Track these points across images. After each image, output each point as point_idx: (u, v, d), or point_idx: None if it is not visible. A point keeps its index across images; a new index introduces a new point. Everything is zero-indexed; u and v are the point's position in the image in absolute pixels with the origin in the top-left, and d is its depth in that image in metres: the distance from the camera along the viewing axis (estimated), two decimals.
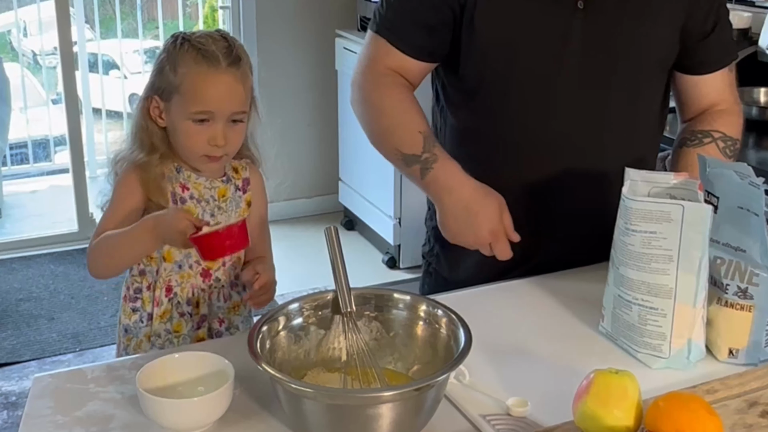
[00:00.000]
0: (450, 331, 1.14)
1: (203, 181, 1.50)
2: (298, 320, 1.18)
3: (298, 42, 4.12)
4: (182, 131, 1.44)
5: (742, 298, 1.24)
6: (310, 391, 1.04)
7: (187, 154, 1.47)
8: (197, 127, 1.43)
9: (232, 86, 1.43)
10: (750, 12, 2.76)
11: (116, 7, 5.22)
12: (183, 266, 1.50)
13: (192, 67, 1.42)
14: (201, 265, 1.50)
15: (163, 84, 1.44)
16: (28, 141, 5.11)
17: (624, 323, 1.27)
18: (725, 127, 1.58)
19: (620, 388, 1.01)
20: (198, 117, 1.42)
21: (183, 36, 1.46)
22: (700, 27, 1.55)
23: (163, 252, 1.49)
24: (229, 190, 1.53)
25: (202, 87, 1.42)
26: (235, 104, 1.44)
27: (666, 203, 1.20)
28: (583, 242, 1.55)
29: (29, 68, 5.77)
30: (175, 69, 1.42)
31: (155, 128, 1.47)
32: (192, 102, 1.42)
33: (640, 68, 1.52)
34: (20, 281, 3.74)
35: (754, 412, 1.10)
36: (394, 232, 3.77)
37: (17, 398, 2.89)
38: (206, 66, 1.42)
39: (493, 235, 1.42)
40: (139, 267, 1.52)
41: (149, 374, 1.11)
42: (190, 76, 1.42)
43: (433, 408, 1.07)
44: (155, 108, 1.46)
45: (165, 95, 1.44)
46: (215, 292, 1.53)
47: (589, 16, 1.45)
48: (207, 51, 1.42)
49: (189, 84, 1.42)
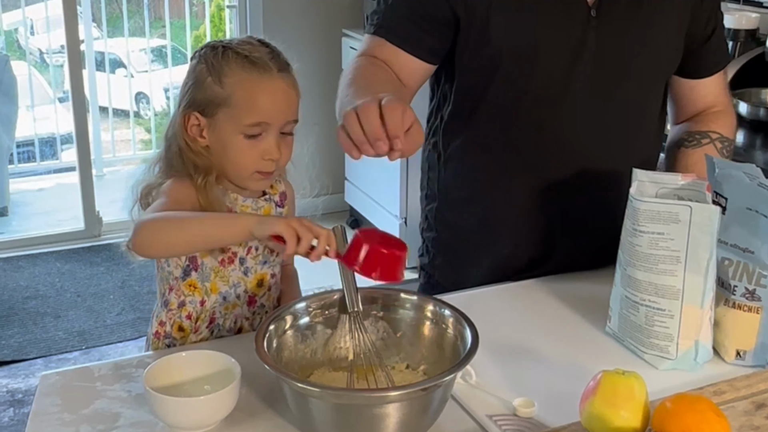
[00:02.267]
0: (457, 331, 1.14)
1: (250, 203, 1.38)
2: (305, 319, 1.18)
3: (305, 41, 4.12)
4: (233, 147, 1.31)
5: (750, 299, 1.23)
6: (316, 390, 1.04)
7: (239, 171, 1.34)
8: (250, 142, 1.31)
9: (287, 93, 1.33)
10: (758, 13, 2.75)
11: (123, 5, 5.23)
12: (228, 297, 1.39)
13: (242, 76, 1.30)
14: (248, 294, 1.40)
15: (205, 98, 1.31)
16: (35, 139, 5.12)
17: (631, 324, 1.27)
18: (722, 128, 1.58)
19: (627, 388, 1.01)
20: (252, 131, 1.30)
21: (222, 44, 1.33)
22: (702, 31, 1.55)
23: (210, 284, 1.37)
24: (272, 209, 1.43)
25: (257, 96, 1.30)
26: (289, 113, 1.34)
27: (674, 204, 1.20)
28: (591, 247, 1.54)
29: (36, 66, 5.78)
30: (220, 80, 1.30)
31: (198, 147, 1.33)
32: (246, 114, 1.29)
33: (649, 75, 1.52)
34: (27, 279, 3.75)
35: (762, 414, 1.10)
36: (400, 231, 3.77)
37: (23, 396, 2.90)
38: (257, 74, 1.30)
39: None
40: (179, 299, 1.38)
41: (156, 373, 1.11)
42: (241, 85, 1.29)
43: (440, 408, 1.07)
44: (194, 126, 1.32)
45: (209, 110, 1.31)
46: (257, 318, 1.44)
47: (601, 26, 1.45)
48: (255, 57, 1.31)
49: (241, 94, 1.29)
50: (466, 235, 1.59)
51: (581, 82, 1.46)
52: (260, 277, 1.42)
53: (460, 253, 1.61)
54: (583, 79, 1.46)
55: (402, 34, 1.47)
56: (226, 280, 1.38)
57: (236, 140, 1.31)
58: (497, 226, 1.55)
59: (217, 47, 1.33)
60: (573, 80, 1.46)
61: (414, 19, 1.47)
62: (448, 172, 1.59)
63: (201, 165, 1.32)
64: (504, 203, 1.53)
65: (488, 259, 1.56)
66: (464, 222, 1.58)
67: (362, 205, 4.10)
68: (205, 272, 1.37)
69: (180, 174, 1.33)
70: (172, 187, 1.32)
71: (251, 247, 1.39)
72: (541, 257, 1.55)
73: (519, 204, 1.52)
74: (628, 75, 1.49)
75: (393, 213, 3.79)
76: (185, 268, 1.37)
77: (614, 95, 1.49)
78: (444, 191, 1.60)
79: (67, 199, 4.49)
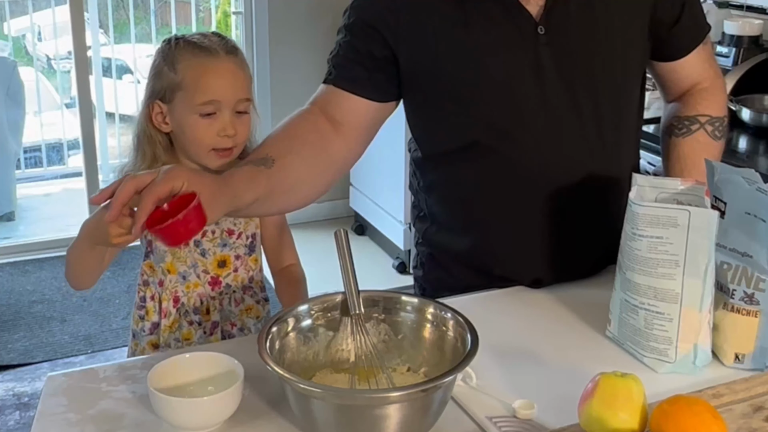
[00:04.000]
0: (457, 334, 1.15)
1: None
2: (308, 322, 1.19)
3: (311, 46, 4.13)
4: (190, 126, 1.42)
5: (749, 303, 1.24)
6: (318, 391, 1.05)
7: (196, 149, 1.44)
8: (205, 121, 1.42)
9: (235, 73, 1.44)
10: (761, 19, 2.76)
11: (130, 12, 5.25)
12: (188, 276, 1.50)
13: (191, 60, 1.42)
14: (209, 274, 1.49)
15: (163, 86, 1.44)
16: (42, 144, 5.14)
17: (630, 328, 1.28)
18: (710, 108, 1.55)
19: (625, 390, 1.02)
20: (205, 110, 1.41)
21: (175, 37, 1.47)
22: (669, 13, 1.49)
23: (165, 265, 1.48)
24: None
25: (205, 76, 1.41)
26: (239, 91, 1.44)
27: (672, 208, 1.21)
28: (588, 261, 1.52)
29: (44, 72, 5.81)
30: (174, 66, 1.42)
31: (159, 136, 1.46)
32: (197, 93, 1.41)
33: (617, 79, 1.46)
34: (33, 283, 3.77)
35: (759, 417, 1.10)
36: (405, 237, 3.78)
37: (30, 399, 2.91)
38: (205, 56, 1.43)
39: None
40: (143, 277, 1.52)
41: (160, 374, 1.12)
42: (191, 68, 1.42)
43: (440, 409, 1.08)
44: (158, 114, 1.45)
45: (167, 96, 1.43)
46: (226, 298, 1.53)
47: (552, 41, 1.38)
48: (203, 43, 1.43)
49: (191, 77, 1.41)
50: (459, 257, 1.54)
51: (548, 102, 1.40)
52: (221, 258, 1.50)
53: (454, 272, 1.56)
54: (549, 98, 1.40)
55: (349, 77, 1.43)
56: (183, 260, 1.49)
57: (192, 120, 1.42)
58: (490, 251, 1.50)
59: (171, 40, 1.46)
60: (539, 102, 1.40)
61: (359, 60, 1.43)
62: (433, 200, 1.56)
63: (150, 153, 1.45)
64: (494, 230, 1.48)
65: (482, 279, 1.52)
66: (456, 246, 1.54)
67: (367, 211, 4.11)
68: (159, 255, 1.49)
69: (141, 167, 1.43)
70: None
71: (206, 230, 1.47)
72: (537, 276, 1.50)
73: (510, 229, 1.48)
74: (595, 85, 1.42)
75: (398, 219, 3.80)
76: (145, 250, 1.50)
77: (585, 107, 1.42)
78: (433, 216, 1.57)
79: (74, 204, 4.51)
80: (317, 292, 1.65)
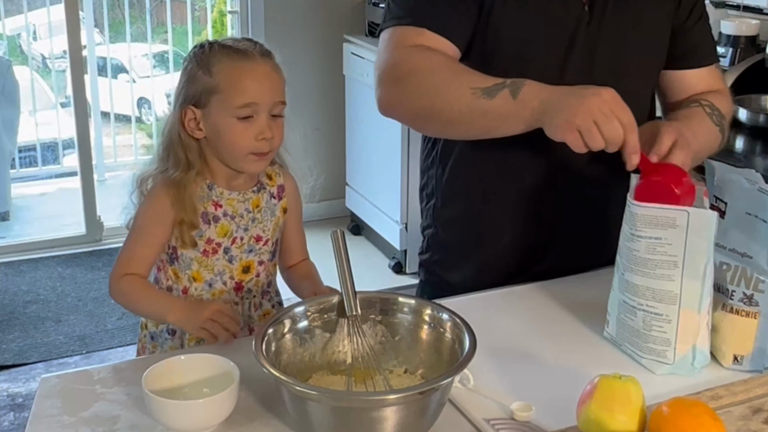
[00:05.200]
0: (454, 335, 1.14)
1: (236, 195, 1.46)
2: (304, 323, 1.18)
3: (306, 47, 4.13)
4: (227, 130, 1.40)
5: (748, 304, 1.24)
6: (314, 393, 1.04)
7: (234, 154, 1.41)
8: (243, 124, 1.39)
9: (271, 75, 1.42)
10: (758, 19, 2.76)
11: (125, 11, 5.24)
12: (214, 284, 1.47)
13: (227, 63, 1.40)
14: (234, 280, 1.47)
15: (197, 90, 1.41)
16: (37, 144, 5.13)
17: (629, 329, 1.27)
18: (714, 100, 1.56)
19: (624, 392, 1.01)
20: (242, 113, 1.38)
21: (208, 42, 1.44)
22: (685, 16, 1.56)
23: (191, 272, 1.46)
24: (263, 199, 1.49)
25: (242, 79, 1.39)
26: (275, 93, 1.42)
27: (671, 209, 1.20)
28: (586, 250, 1.55)
29: (38, 71, 5.80)
30: (209, 70, 1.40)
31: (192, 142, 1.43)
32: (235, 96, 1.38)
33: (642, 67, 1.53)
34: (28, 283, 3.75)
35: (759, 419, 1.10)
36: (401, 237, 3.77)
37: (24, 400, 2.90)
38: (241, 59, 1.40)
39: (606, 102, 1.25)
40: (166, 282, 1.49)
41: (155, 376, 1.11)
42: (227, 71, 1.39)
43: (438, 411, 1.07)
44: (191, 120, 1.41)
45: (202, 101, 1.40)
46: (246, 302, 1.51)
47: (593, 21, 1.46)
48: (238, 47, 1.41)
49: (228, 80, 1.39)
50: (465, 230, 1.60)
51: (575, 77, 1.45)
52: (246, 264, 1.49)
53: (459, 248, 1.61)
54: (577, 73, 1.46)
55: (442, 20, 1.43)
56: (211, 268, 1.46)
57: (229, 123, 1.39)
58: (496, 221, 1.56)
59: (205, 45, 1.44)
60: (567, 75, 1.45)
61: (448, 2, 1.43)
62: (447, 170, 1.59)
63: (184, 159, 1.42)
64: (503, 198, 1.54)
65: (487, 253, 1.57)
66: (463, 217, 1.59)
67: (363, 211, 4.11)
68: (185, 262, 1.46)
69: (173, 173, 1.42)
70: (151, 203, 1.43)
71: (236, 237, 1.46)
72: (541, 249, 1.55)
73: (518, 198, 1.53)
74: (621, 68, 1.49)
75: (394, 218, 3.80)
76: (170, 254, 1.47)
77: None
78: (443, 188, 1.61)
79: (69, 203, 4.50)
80: None
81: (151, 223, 1.43)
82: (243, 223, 1.46)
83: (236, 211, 1.46)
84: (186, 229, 1.42)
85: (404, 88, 1.42)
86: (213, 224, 1.44)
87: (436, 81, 1.38)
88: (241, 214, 1.46)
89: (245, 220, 1.47)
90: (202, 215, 1.43)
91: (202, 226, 1.43)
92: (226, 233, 1.45)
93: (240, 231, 1.46)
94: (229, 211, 1.45)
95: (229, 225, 1.45)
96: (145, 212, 1.44)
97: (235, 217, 1.45)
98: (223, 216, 1.45)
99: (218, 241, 1.44)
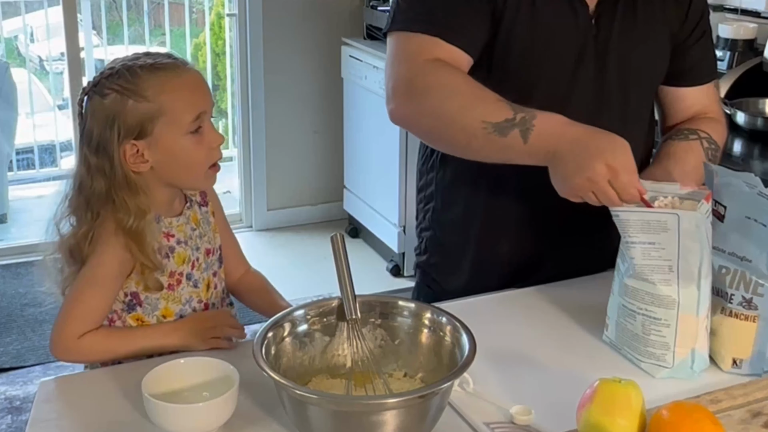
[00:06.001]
0: (454, 339, 1.14)
1: (183, 219, 1.40)
2: (303, 327, 1.18)
3: (305, 49, 4.13)
4: (183, 149, 1.32)
5: (747, 308, 1.24)
6: (314, 397, 1.04)
7: (194, 172, 1.35)
8: (195, 138, 1.32)
9: (202, 79, 1.37)
10: (755, 23, 2.76)
11: (123, 13, 5.24)
12: (185, 314, 1.40)
13: (160, 82, 1.30)
14: (203, 302, 1.42)
15: (135, 121, 1.29)
16: (35, 146, 5.12)
17: (628, 333, 1.27)
18: (711, 131, 1.57)
19: (624, 396, 1.01)
20: (194, 126, 1.31)
21: (117, 69, 1.31)
22: (687, 33, 1.56)
23: (160, 312, 1.37)
24: (197, 212, 1.44)
25: (185, 92, 1.32)
26: (211, 98, 1.37)
27: (661, 213, 1.20)
28: (585, 257, 1.55)
29: (36, 74, 5.79)
30: (143, 96, 1.29)
31: (140, 180, 1.32)
32: (183, 112, 1.31)
33: (645, 77, 1.54)
34: (26, 286, 3.74)
35: (758, 423, 1.10)
36: (399, 240, 3.77)
37: (21, 403, 2.89)
38: (171, 74, 1.32)
39: (610, 169, 1.24)
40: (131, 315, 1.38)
41: (155, 379, 1.11)
42: (165, 90, 1.30)
43: (437, 415, 1.07)
44: (132, 155, 1.31)
45: (145, 130, 1.30)
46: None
47: (600, 32, 1.47)
48: (159, 63, 1.33)
49: (170, 98, 1.30)
50: (463, 234, 1.60)
51: (582, 87, 1.47)
52: (207, 281, 1.44)
53: (457, 252, 1.61)
54: (585, 83, 1.47)
55: (457, 31, 1.39)
56: (179, 300, 1.40)
57: (183, 142, 1.32)
58: (495, 225, 1.56)
59: (115, 74, 1.31)
60: (575, 85, 1.47)
61: (464, 12, 1.40)
62: (447, 173, 1.59)
63: (135, 206, 1.31)
64: (503, 202, 1.54)
65: (487, 256, 1.58)
66: (462, 221, 1.59)
67: (361, 214, 4.11)
68: (152, 304, 1.38)
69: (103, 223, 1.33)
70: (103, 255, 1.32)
71: (193, 261, 1.41)
72: (539, 256, 1.55)
73: (518, 203, 1.53)
74: (630, 80, 1.50)
75: (392, 221, 3.80)
76: (128, 302, 1.37)
77: (614, 100, 1.50)
78: (442, 192, 1.61)
79: None
80: (310, 295, 1.66)
81: (110, 274, 1.33)
82: (193, 243, 1.41)
83: (186, 235, 1.40)
84: (149, 274, 1.34)
85: (418, 106, 1.38)
86: (171, 256, 1.38)
87: (450, 107, 1.35)
88: (190, 236, 1.41)
89: (194, 240, 1.41)
90: (159, 250, 1.35)
91: (162, 262, 1.36)
92: (185, 260, 1.39)
93: (195, 253, 1.41)
94: (181, 238, 1.39)
95: (185, 251, 1.39)
96: (102, 263, 1.32)
97: (187, 241, 1.40)
98: (177, 244, 1.38)
99: (180, 270, 1.39)
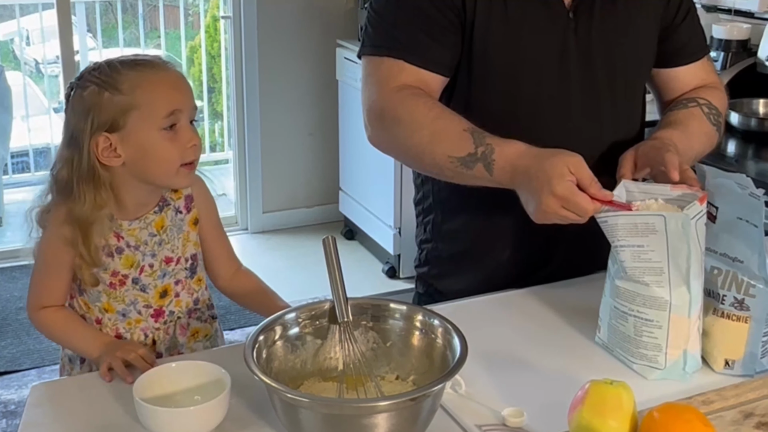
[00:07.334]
0: (446, 341, 1.14)
1: (137, 224, 1.38)
2: (295, 330, 1.18)
3: (300, 51, 4.13)
4: (155, 145, 1.31)
5: (739, 309, 1.24)
6: (306, 400, 1.04)
7: (165, 169, 1.33)
8: (169, 135, 1.31)
9: (183, 80, 1.36)
10: (749, 24, 2.76)
11: (118, 16, 5.23)
12: (128, 314, 1.40)
13: (138, 76, 1.31)
14: (152, 308, 1.41)
15: (110, 114, 1.29)
16: (30, 149, 5.11)
17: (620, 334, 1.27)
18: (711, 98, 1.57)
19: (615, 398, 1.01)
20: (167, 122, 1.30)
21: (101, 64, 1.34)
22: (672, 14, 1.56)
23: (101, 304, 1.39)
24: (167, 217, 1.41)
25: (160, 88, 1.31)
26: (192, 99, 1.36)
27: (648, 215, 1.20)
28: (587, 260, 1.54)
29: (31, 77, 5.77)
30: (118, 89, 1.29)
31: (106, 175, 1.32)
32: (157, 107, 1.30)
33: (633, 68, 1.53)
34: (20, 290, 3.74)
35: (750, 424, 1.10)
36: (395, 242, 3.77)
37: (16, 407, 2.89)
38: (150, 70, 1.32)
39: (557, 198, 1.24)
40: (80, 311, 1.41)
41: (147, 383, 1.11)
42: (142, 84, 1.30)
43: (429, 418, 1.07)
44: (105, 149, 1.30)
45: (118, 123, 1.30)
46: (171, 326, 1.44)
47: (579, 27, 1.46)
48: (140, 59, 1.34)
49: (145, 92, 1.30)
50: (465, 244, 1.59)
51: (570, 84, 1.46)
52: (162, 289, 1.42)
53: (459, 262, 1.61)
54: (571, 81, 1.47)
55: (420, 53, 1.41)
56: (121, 299, 1.40)
57: (155, 137, 1.31)
58: (496, 233, 1.55)
59: (96, 68, 1.33)
60: (561, 83, 1.46)
61: (427, 32, 1.41)
62: (442, 185, 1.57)
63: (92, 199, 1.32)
64: (502, 210, 1.52)
65: (488, 265, 1.57)
66: (465, 231, 1.58)
67: (356, 216, 4.11)
68: (93, 295, 1.39)
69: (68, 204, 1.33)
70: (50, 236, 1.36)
71: (143, 266, 1.40)
72: (541, 260, 1.55)
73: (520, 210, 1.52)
74: (617, 72, 1.50)
75: (387, 223, 3.79)
76: (78, 285, 1.40)
77: (603, 94, 1.50)
78: (441, 204, 1.60)
79: None
80: (306, 297, 1.65)
81: (56, 253, 1.36)
82: (149, 249, 1.39)
83: (139, 240, 1.39)
84: (86, 268, 1.35)
85: (390, 138, 1.43)
86: (117, 256, 1.37)
87: (418, 142, 1.38)
88: (145, 242, 1.39)
89: (150, 246, 1.39)
90: (104, 248, 1.36)
91: (104, 259, 1.36)
92: (132, 264, 1.38)
93: (147, 258, 1.39)
94: (131, 242, 1.38)
95: (134, 255, 1.38)
96: (48, 243, 1.36)
97: (139, 247, 1.39)
98: (126, 247, 1.38)
99: (124, 272, 1.38)
